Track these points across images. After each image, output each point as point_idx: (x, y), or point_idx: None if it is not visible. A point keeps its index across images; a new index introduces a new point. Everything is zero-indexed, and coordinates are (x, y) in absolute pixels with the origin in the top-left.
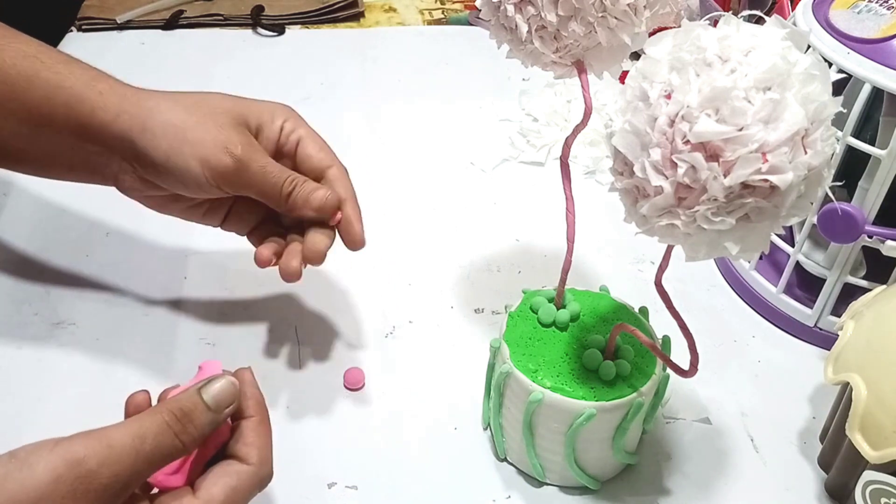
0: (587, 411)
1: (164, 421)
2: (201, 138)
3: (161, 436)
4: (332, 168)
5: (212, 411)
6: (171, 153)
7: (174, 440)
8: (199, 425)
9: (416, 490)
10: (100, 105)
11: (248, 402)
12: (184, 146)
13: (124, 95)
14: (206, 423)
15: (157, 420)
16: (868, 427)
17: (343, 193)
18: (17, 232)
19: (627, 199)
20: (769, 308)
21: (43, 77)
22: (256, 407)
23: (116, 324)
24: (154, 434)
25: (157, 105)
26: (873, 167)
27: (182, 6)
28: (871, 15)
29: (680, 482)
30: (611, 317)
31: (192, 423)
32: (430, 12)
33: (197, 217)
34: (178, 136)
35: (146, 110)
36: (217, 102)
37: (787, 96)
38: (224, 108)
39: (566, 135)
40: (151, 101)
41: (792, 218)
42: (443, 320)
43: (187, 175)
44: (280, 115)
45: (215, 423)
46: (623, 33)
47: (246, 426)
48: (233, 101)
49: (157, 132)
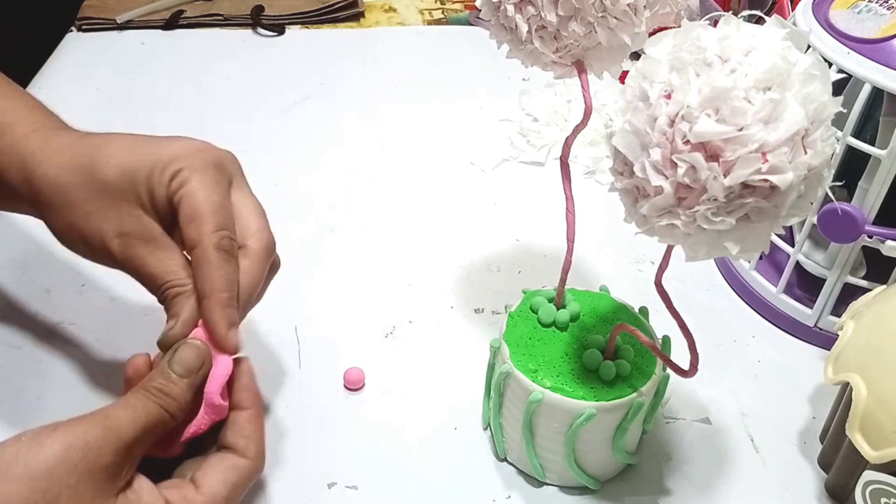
0: (587, 411)
1: (147, 396)
2: (83, 225)
3: (148, 408)
4: (197, 249)
5: (184, 378)
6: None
7: (161, 412)
8: (178, 394)
9: (416, 490)
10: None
11: (244, 393)
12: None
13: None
14: (185, 389)
15: (139, 400)
16: (868, 427)
17: (203, 287)
18: (17, 232)
19: (627, 199)
20: (769, 308)
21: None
22: (252, 398)
23: (116, 324)
24: (142, 405)
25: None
26: (873, 167)
27: (182, 6)
28: (871, 15)
29: (680, 482)
30: (611, 317)
31: (171, 394)
32: (430, 12)
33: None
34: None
35: (38, 178)
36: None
37: (787, 96)
38: (113, 170)
39: (566, 135)
40: (42, 168)
41: (792, 218)
42: (443, 320)
43: (81, 253)
44: (174, 164)
45: (193, 386)
46: (623, 33)
47: (243, 418)
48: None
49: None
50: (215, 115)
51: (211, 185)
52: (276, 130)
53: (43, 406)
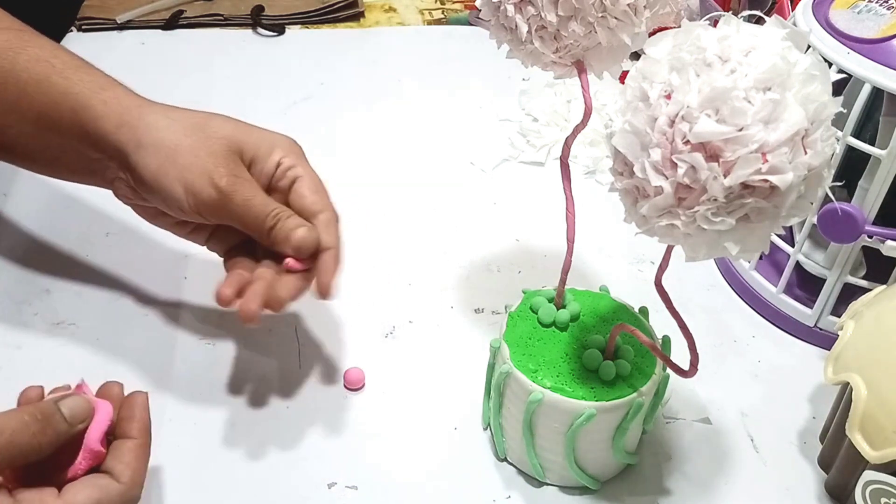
0: (587, 411)
1: (25, 420)
2: (190, 163)
3: (19, 433)
4: (323, 214)
5: (66, 423)
6: (158, 173)
7: (31, 438)
8: (55, 431)
9: (416, 490)
10: (102, 114)
11: (134, 424)
12: (172, 169)
13: (128, 108)
14: (62, 432)
15: (17, 417)
16: (868, 427)
17: (327, 241)
18: (18, 232)
19: (627, 199)
20: (769, 308)
21: (52, 81)
22: (141, 430)
23: (116, 324)
24: (12, 429)
25: (156, 122)
26: (873, 167)
27: (182, 6)
28: (871, 15)
29: (680, 482)
30: (611, 317)
31: (52, 426)
32: (430, 12)
33: (183, 233)
34: (168, 157)
35: (144, 125)
36: (217, 127)
37: (787, 96)
38: (222, 133)
39: (566, 135)
40: (151, 117)
41: (792, 218)
42: (443, 320)
43: (170, 197)
44: (280, 149)
45: (69, 434)
46: (623, 33)
47: (125, 446)
48: (233, 128)
49: (149, 150)
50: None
51: (311, 169)
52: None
53: None
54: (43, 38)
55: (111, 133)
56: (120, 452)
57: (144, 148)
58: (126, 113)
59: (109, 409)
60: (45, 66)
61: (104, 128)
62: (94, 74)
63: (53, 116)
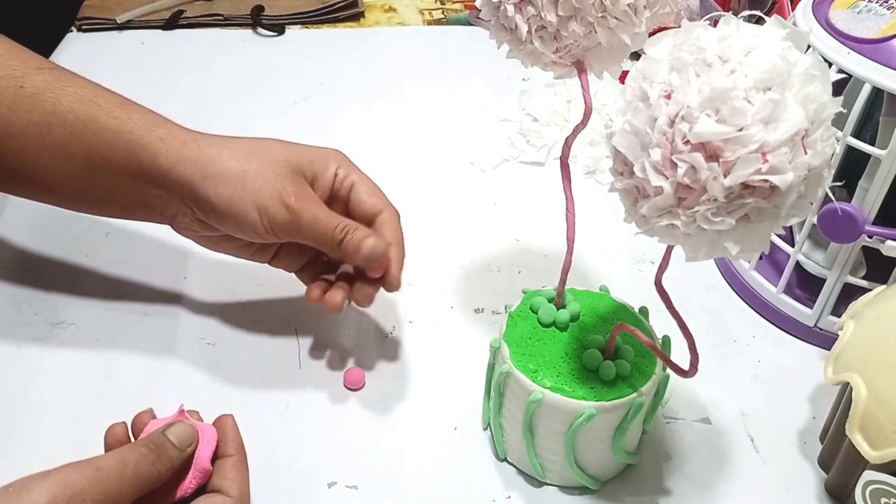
0: (587, 411)
1: (142, 452)
2: (259, 187)
3: (140, 463)
4: (384, 213)
5: (177, 448)
6: (232, 201)
7: (151, 467)
8: (169, 458)
9: (416, 490)
10: (161, 151)
11: (230, 443)
12: (245, 194)
13: (185, 142)
14: (175, 457)
15: (136, 450)
16: (868, 427)
17: (390, 238)
18: (17, 232)
19: (627, 199)
20: (769, 308)
21: (102, 122)
22: (237, 447)
23: (116, 324)
24: (135, 461)
25: (219, 153)
26: (873, 167)
27: (182, 6)
28: (871, 15)
29: (680, 482)
30: (611, 317)
31: (165, 454)
32: (430, 12)
33: (247, 255)
34: (238, 184)
35: (206, 158)
36: (274, 151)
37: (787, 96)
38: (281, 157)
39: (566, 135)
40: (211, 149)
41: (792, 218)
42: (443, 320)
43: (245, 222)
44: (334, 161)
45: (182, 458)
46: (623, 33)
47: (227, 464)
48: (288, 150)
49: (218, 180)
50: (215, 114)
51: (363, 174)
52: (276, 130)
53: (43, 406)
54: (79, 77)
55: (172, 169)
56: (223, 470)
57: (212, 179)
58: (184, 147)
59: (214, 431)
60: (90, 106)
61: (163, 164)
62: (141, 112)
63: (105, 156)
